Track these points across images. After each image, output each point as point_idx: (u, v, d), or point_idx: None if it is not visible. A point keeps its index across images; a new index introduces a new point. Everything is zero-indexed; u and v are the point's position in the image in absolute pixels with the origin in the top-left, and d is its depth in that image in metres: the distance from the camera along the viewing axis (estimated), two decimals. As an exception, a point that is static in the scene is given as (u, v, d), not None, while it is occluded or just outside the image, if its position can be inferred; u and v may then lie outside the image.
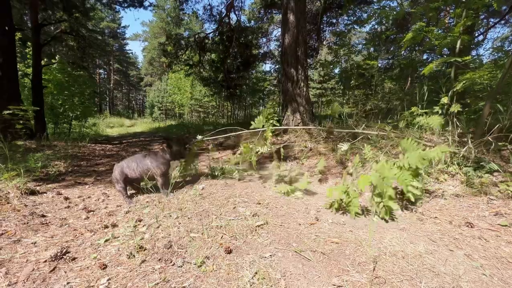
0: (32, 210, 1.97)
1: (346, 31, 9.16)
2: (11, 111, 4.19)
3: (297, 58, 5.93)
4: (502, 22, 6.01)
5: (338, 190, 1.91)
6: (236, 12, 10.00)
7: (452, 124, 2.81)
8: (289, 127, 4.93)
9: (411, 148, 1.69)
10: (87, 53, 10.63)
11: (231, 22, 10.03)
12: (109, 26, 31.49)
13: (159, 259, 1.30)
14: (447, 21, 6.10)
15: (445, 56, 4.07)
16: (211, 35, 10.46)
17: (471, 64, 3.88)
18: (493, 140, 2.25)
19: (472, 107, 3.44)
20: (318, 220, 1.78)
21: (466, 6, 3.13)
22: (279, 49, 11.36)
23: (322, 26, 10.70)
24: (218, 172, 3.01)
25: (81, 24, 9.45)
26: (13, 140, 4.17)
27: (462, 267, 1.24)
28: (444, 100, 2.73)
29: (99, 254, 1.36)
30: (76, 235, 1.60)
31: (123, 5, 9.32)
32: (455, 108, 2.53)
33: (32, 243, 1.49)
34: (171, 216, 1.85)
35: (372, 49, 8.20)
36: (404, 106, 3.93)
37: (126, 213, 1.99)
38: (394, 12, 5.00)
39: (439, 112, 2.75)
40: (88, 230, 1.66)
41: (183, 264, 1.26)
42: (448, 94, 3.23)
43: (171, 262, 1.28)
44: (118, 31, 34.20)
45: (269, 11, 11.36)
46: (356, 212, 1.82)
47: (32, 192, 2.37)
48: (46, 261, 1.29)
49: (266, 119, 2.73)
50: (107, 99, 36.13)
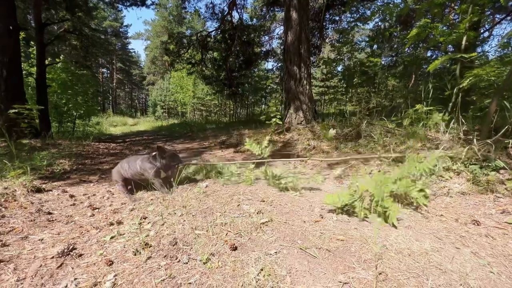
0: (38, 207, 1.99)
1: (349, 28, 9.08)
2: (16, 110, 4.23)
3: (299, 56, 5.89)
4: (508, 18, 5.90)
5: (341, 196, 1.84)
6: (238, 10, 9.98)
7: (457, 122, 2.78)
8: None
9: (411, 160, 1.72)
10: (90, 52, 10.70)
11: (233, 20, 10.01)
12: (111, 25, 31.62)
13: (165, 256, 1.31)
14: (452, 17, 6.02)
15: (449, 53, 4.02)
16: (213, 33, 10.45)
17: (477, 61, 3.83)
18: (501, 139, 2.22)
19: (478, 104, 3.40)
20: (322, 217, 1.78)
21: (473, 2, 3.09)
22: (282, 47, 11.31)
23: (325, 24, 10.63)
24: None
25: (84, 23, 9.50)
26: (18, 139, 4.21)
27: (469, 264, 1.23)
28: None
29: (105, 251, 1.37)
30: (82, 232, 1.62)
31: (125, 4, 9.33)
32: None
33: (39, 240, 1.50)
34: (175, 213, 1.86)
35: (375, 46, 8.12)
36: (408, 104, 3.89)
37: (131, 210, 2.01)
38: (398, 9, 4.96)
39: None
40: (94, 227, 1.67)
41: (188, 261, 1.27)
42: (453, 91, 3.19)
43: (176, 258, 1.29)
44: (121, 30, 34.35)
45: (271, 8, 11.31)
46: (365, 215, 1.77)
47: (38, 190, 2.40)
48: (53, 257, 1.30)
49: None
50: (110, 98, 36.36)
